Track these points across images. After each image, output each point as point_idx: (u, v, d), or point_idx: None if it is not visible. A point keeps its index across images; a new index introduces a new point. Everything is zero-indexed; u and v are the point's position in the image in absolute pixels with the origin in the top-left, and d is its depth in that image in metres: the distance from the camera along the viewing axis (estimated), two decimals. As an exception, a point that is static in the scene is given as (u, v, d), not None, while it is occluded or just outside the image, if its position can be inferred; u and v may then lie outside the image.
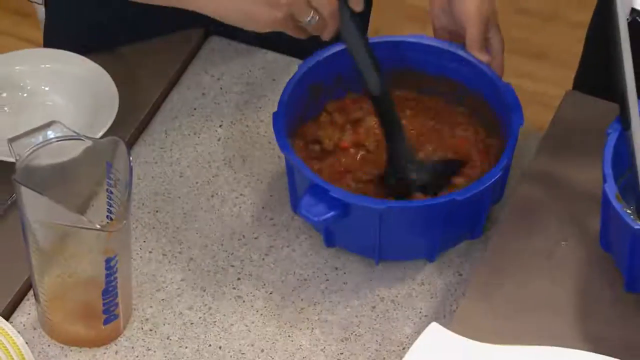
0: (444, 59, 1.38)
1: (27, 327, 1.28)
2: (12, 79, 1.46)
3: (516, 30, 2.47)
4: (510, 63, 1.40)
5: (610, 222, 1.24)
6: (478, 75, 1.36)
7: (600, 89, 1.43)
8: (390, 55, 1.38)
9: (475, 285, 1.28)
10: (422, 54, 1.39)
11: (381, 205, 1.24)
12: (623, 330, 1.24)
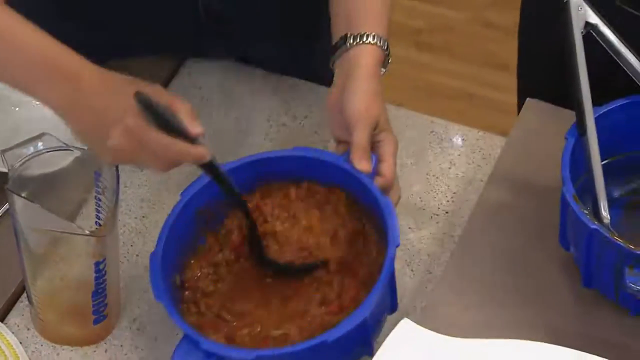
0: (330, 171, 1.25)
1: (20, 328, 1.28)
2: (3, 93, 1.45)
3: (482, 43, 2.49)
4: (477, 73, 1.40)
5: (568, 222, 1.25)
6: (364, 188, 1.23)
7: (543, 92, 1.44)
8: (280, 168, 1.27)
9: (443, 282, 1.29)
10: (310, 166, 1.26)
11: (249, 355, 1.13)
12: (581, 323, 1.25)
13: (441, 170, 1.43)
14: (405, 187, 1.41)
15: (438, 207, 1.40)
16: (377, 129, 1.24)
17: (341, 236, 1.27)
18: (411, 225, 1.38)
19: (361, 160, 1.22)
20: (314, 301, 1.22)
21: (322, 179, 1.27)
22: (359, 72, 1.25)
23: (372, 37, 1.26)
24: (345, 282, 1.23)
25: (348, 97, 1.24)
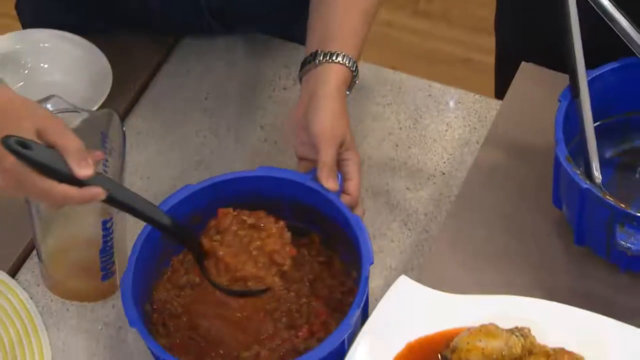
0: (298, 189, 1.23)
1: (31, 284, 1.30)
2: (13, 57, 1.46)
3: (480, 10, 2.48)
4: (474, 40, 1.39)
5: (561, 182, 1.26)
6: (330, 206, 1.21)
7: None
8: (245, 187, 1.24)
9: (440, 241, 1.30)
10: (277, 186, 1.23)
11: None
12: (573, 279, 1.26)
13: (438, 133, 1.43)
14: (403, 149, 1.42)
15: (435, 168, 1.40)
16: (343, 147, 1.23)
17: (307, 266, 1.24)
18: (409, 186, 1.38)
19: (328, 179, 1.20)
20: (282, 325, 1.20)
21: (289, 198, 1.23)
22: (325, 89, 1.23)
23: (342, 57, 1.24)
24: (313, 308, 1.21)
25: (313, 116, 1.22)
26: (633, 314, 1.19)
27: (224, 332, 1.19)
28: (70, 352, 1.24)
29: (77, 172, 1.07)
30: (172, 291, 1.23)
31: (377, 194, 1.37)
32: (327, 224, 1.23)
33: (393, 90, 1.48)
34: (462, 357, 1.13)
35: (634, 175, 1.31)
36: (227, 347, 1.18)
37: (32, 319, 1.25)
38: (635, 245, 1.16)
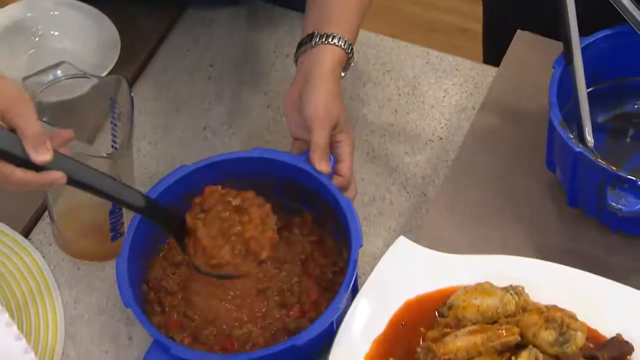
0: (291, 171, 1.22)
1: (43, 243, 1.30)
2: (24, 25, 1.46)
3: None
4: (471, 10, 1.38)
5: (555, 146, 1.26)
6: (322, 187, 1.20)
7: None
8: (240, 169, 1.23)
9: (438, 203, 1.31)
10: (270, 167, 1.23)
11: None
12: (565, 240, 1.26)
13: (435, 99, 1.44)
14: (402, 115, 1.43)
15: (432, 133, 1.41)
16: (337, 129, 1.22)
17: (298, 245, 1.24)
18: (407, 150, 1.39)
19: (321, 162, 1.19)
20: (274, 304, 1.20)
21: (282, 179, 1.23)
22: (320, 71, 1.22)
23: (338, 39, 1.23)
24: (304, 287, 1.21)
25: (307, 97, 1.21)
26: (623, 272, 1.20)
27: (218, 310, 1.19)
28: (81, 309, 1.25)
29: (34, 158, 1.03)
30: (168, 269, 1.22)
31: (376, 158, 1.38)
32: (319, 204, 1.22)
33: (392, 58, 1.48)
34: (458, 314, 1.15)
35: (625, 139, 1.32)
36: (221, 325, 1.18)
37: (44, 277, 1.26)
38: (626, 207, 1.17)
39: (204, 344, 1.16)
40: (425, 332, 1.15)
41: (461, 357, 1.11)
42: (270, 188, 1.23)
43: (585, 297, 1.16)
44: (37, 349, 1.20)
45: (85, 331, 1.23)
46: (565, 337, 1.11)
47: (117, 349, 1.22)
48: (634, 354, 1.13)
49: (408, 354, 1.13)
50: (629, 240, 1.25)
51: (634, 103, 1.34)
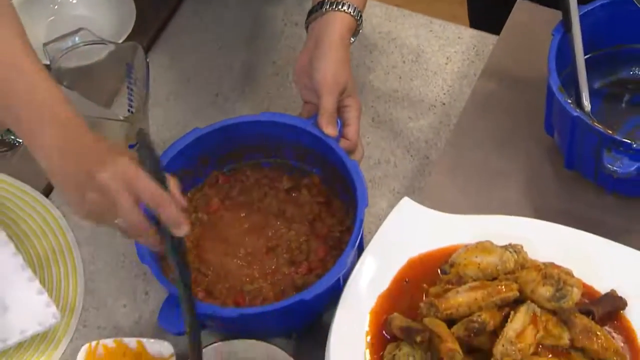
0: (300, 135, 1.22)
1: (63, 203, 1.30)
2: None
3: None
4: None
5: (553, 110, 1.26)
6: (329, 150, 1.21)
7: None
8: (252, 132, 1.23)
9: (440, 166, 1.31)
10: (280, 130, 1.23)
11: (232, 314, 1.11)
12: (562, 201, 1.27)
13: (438, 66, 1.44)
14: (406, 81, 1.43)
15: (435, 99, 1.41)
16: (344, 94, 1.22)
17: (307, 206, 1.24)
18: (411, 115, 1.39)
19: (328, 126, 1.20)
20: (283, 261, 1.20)
21: (291, 141, 1.23)
22: (330, 38, 1.21)
23: (347, 6, 1.22)
24: (312, 246, 1.21)
25: (317, 63, 1.21)
26: (617, 232, 1.21)
27: (230, 267, 1.20)
28: (99, 263, 1.26)
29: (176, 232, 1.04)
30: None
31: (381, 123, 1.39)
32: (326, 166, 1.23)
33: (397, 27, 1.49)
34: (459, 271, 1.15)
35: (620, 104, 1.32)
36: (233, 281, 1.19)
37: (64, 234, 1.27)
38: (621, 169, 1.17)
39: (217, 298, 1.17)
40: (428, 289, 1.15)
41: (462, 312, 1.11)
42: (280, 151, 1.24)
43: (581, 255, 1.17)
44: (58, 302, 1.22)
45: (104, 286, 1.25)
46: (562, 292, 1.11)
47: (134, 303, 1.23)
48: (627, 308, 1.14)
49: (411, 309, 1.14)
50: (623, 201, 1.26)
51: (629, 69, 1.34)
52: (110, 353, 1.15)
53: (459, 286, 1.13)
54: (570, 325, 1.10)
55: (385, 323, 1.13)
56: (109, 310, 1.22)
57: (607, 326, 1.12)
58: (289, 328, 1.19)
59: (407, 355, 1.10)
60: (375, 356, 1.11)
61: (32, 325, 1.17)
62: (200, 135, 1.21)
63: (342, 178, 1.21)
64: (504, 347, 1.07)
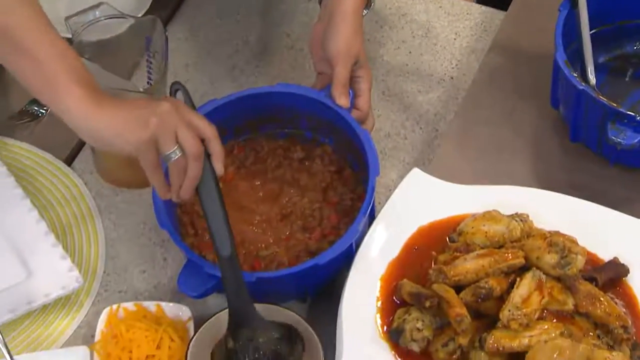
0: (314, 105, 1.22)
1: (85, 172, 1.32)
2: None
3: None
4: None
5: (559, 84, 1.27)
6: (342, 120, 1.21)
7: None
8: (266, 102, 1.24)
9: (449, 138, 1.31)
10: (295, 101, 1.22)
11: (250, 278, 1.10)
12: (567, 172, 1.27)
13: (447, 41, 1.44)
14: (416, 56, 1.43)
15: (444, 73, 1.41)
16: (357, 65, 1.22)
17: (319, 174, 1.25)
18: (420, 89, 1.40)
19: (341, 96, 1.20)
20: (297, 227, 1.21)
21: (304, 112, 1.23)
22: (343, 10, 1.21)
23: None
24: (325, 213, 1.21)
25: (331, 35, 1.21)
26: (620, 201, 1.21)
27: (246, 233, 1.20)
28: (120, 231, 1.27)
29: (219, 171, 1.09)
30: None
31: (392, 97, 1.39)
32: (339, 136, 1.23)
33: (407, 3, 1.48)
34: (467, 239, 1.16)
35: (624, 78, 1.32)
36: (249, 246, 1.19)
37: (86, 202, 1.28)
38: (625, 140, 1.17)
39: None
40: (437, 256, 1.16)
41: (470, 278, 1.12)
42: (294, 121, 1.25)
43: (585, 224, 1.17)
44: (80, 267, 1.23)
45: (124, 252, 1.25)
46: (567, 260, 1.12)
47: (153, 269, 1.24)
48: (629, 275, 1.15)
49: (420, 275, 1.15)
50: (626, 171, 1.26)
51: (633, 44, 1.34)
52: (131, 316, 1.16)
53: (466, 254, 1.14)
54: (575, 291, 1.11)
55: (395, 289, 1.14)
56: (129, 276, 1.23)
57: (609, 292, 1.13)
58: (303, 292, 1.19)
59: (416, 319, 1.10)
60: (386, 320, 1.12)
61: (55, 289, 1.18)
62: (217, 106, 1.21)
63: (354, 148, 1.21)
64: (510, 312, 1.08)
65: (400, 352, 1.10)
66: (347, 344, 1.09)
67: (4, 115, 1.35)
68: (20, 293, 1.17)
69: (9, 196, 1.25)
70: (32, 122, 1.34)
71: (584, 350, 1.06)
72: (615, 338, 1.10)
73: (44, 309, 1.19)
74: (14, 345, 1.15)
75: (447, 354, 1.09)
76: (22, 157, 1.31)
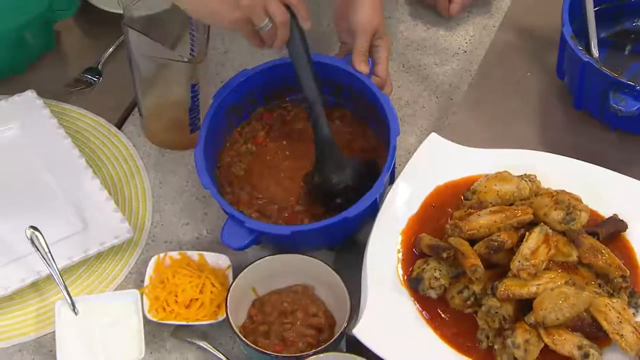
0: (337, 72, 1.23)
1: (133, 134, 1.32)
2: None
3: None
4: None
5: (565, 56, 1.27)
6: (363, 86, 1.21)
7: None
8: (294, 71, 1.20)
9: (463, 106, 1.32)
10: (321, 69, 1.21)
11: (285, 231, 1.12)
12: (571, 137, 1.27)
13: (461, 18, 1.44)
14: (433, 31, 1.43)
15: (458, 47, 1.41)
16: (376, 36, 1.22)
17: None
18: (437, 62, 1.40)
19: (361, 64, 1.21)
20: None
21: (329, 79, 1.23)
22: None
23: None
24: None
25: (354, 9, 1.22)
26: (619, 164, 1.21)
27: (277, 190, 1.21)
28: (165, 188, 1.28)
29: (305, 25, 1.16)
30: (235, 157, 1.24)
31: (411, 69, 1.39)
32: (360, 101, 1.23)
33: (425, -17, 1.48)
34: (480, 197, 1.16)
35: (624, 52, 1.32)
36: (281, 203, 1.20)
37: (135, 162, 1.29)
38: (625, 108, 1.18)
39: (269, 217, 1.19)
40: (453, 212, 1.16)
41: (483, 232, 1.12)
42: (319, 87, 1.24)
43: (588, 184, 1.18)
44: (130, 220, 1.24)
45: (169, 207, 1.26)
46: (572, 216, 1.12)
47: (194, 222, 1.25)
48: (627, 231, 1.15)
49: (437, 230, 1.15)
50: (625, 136, 1.26)
51: (633, 21, 1.33)
52: (176, 263, 1.17)
53: (480, 210, 1.14)
54: (578, 245, 1.12)
55: (415, 241, 1.15)
56: (173, 228, 1.24)
57: (610, 246, 1.13)
58: (332, 244, 1.20)
59: (434, 269, 1.11)
60: (406, 270, 1.13)
61: (109, 239, 1.19)
62: (249, 76, 1.22)
63: (374, 111, 1.21)
64: (520, 262, 1.08)
65: (419, 298, 1.11)
66: (371, 291, 1.10)
67: (61, 83, 1.35)
68: (78, 242, 1.19)
69: (66, 155, 1.26)
70: (86, 89, 1.35)
71: (586, 297, 1.07)
72: (614, 286, 1.11)
73: (98, 256, 1.20)
74: (72, 288, 1.17)
75: (462, 300, 1.10)
76: (78, 121, 1.32)
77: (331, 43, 1.40)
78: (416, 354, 1.07)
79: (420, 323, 1.09)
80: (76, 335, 1.11)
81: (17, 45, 1.31)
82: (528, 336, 1.06)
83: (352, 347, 1.10)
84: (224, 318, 1.11)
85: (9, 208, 1.22)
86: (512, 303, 1.09)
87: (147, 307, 1.13)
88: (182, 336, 1.14)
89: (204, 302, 1.14)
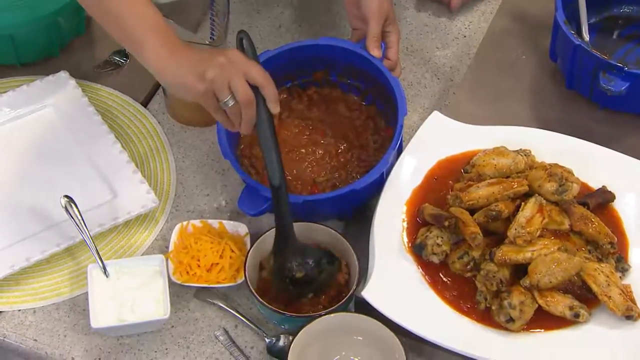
0: (350, 56, 1.20)
1: (158, 112, 1.31)
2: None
3: None
4: None
5: (558, 40, 1.25)
6: (375, 69, 1.19)
7: None
8: (312, 55, 1.22)
9: (462, 87, 1.30)
10: (335, 53, 1.21)
11: (297, 200, 1.10)
12: (563, 114, 1.26)
13: (461, 5, 1.41)
14: (434, 17, 1.41)
15: (458, 32, 1.39)
16: (387, 22, 1.21)
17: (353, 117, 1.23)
18: (438, 45, 1.38)
19: (374, 49, 1.19)
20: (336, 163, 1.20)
21: (344, 62, 1.22)
22: None
23: None
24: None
25: None
26: (608, 139, 1.20)
27: (294, 164, 1.20)
28: (187, 162, 1.27)
29: (274, 110, 1.06)
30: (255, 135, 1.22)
31: (414, 52, 1.37)
32: (372, 82, 1.22)
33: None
34: (479, 170, 1.15)
35: (612, 36, 1.30)
36: (303, 178, 1.19)
37: (159, 137, 1.27)
38: (614, 87, 1.17)
39: (292, 191, 1.16)
40: (453, 184, 1.15)
41: (482, 203, 1.11)
42: (334, 69, 1.23)
43: (579, 158, 1.16)
44: (155, 190, 1.23)
45: (191, 179, 1.25)
46: (564, 187, 1.11)
47: (214, 193, 1.24)
48: (615, 201, 1.14)
49: (439, 200, 1.15)
50: (613, 114, 1.25)
51: (620, 7, 1.31)
52: (198, 230, 1.16)
53: (479, 182, 1.13)
54: (570, 214, 1.11)
55: (419, 211, 1.13)
56: (195, 198, 1.23)
57: (599, 215, 1.12)
58: (342, 214, 1.19)
59: (436, 236, 1.10)
60: (410, 237, 1.12)
61: (136, 208, 1.18)
62: (270, 57, 1.20)
63: (384, 93, 1.20)
64: (516, 230, 1.08)
65: (422, 263, 1.10)
66: (378, 257, 1.10)
67: (91, 65, 1.34)
68: (107, 211, 1.18)
69: (96, 131, 1.25)
70: (114, 70, 1.33)
71: (577, 262, 1.06)
72: (603, 252, 1.10)
73: (126, 224, 1.19)
74: (103, 253, 1.16)
75: (462, 265, 1.09)
76: (107, 99, 1.30)
77: (340, 27, 1.38)
78: (420, 315, 1.06)
79: (424, 286, 1.09)
80: (107, 295, 1.11)
81: (51, 29, 1.30)
82: (523, 298, 1.05)
83: (360, 308, 1.09)
84: (242, 281, 1.10)
85: (46, 179, 1.21)
86: (508, 267, 1.08)
87: (171, 271, 1.13)
88: (204, 297, 1.14)
89: (223, 266, 1.13)
